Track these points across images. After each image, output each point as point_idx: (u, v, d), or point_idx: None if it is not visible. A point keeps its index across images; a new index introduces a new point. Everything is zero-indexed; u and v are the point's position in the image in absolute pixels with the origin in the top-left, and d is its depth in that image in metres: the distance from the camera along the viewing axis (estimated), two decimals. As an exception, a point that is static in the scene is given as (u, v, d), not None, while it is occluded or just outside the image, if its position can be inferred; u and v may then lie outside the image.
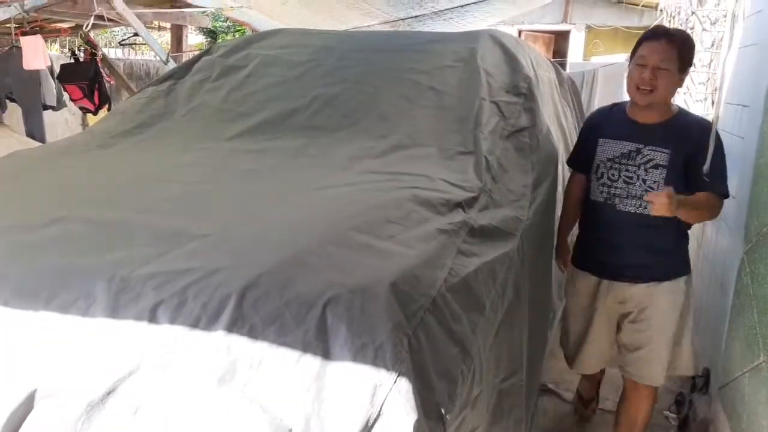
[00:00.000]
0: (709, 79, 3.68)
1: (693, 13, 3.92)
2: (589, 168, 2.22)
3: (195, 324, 1.08)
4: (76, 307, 1.13)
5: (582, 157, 2.29)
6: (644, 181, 2.07)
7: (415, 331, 1.13)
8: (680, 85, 2.08)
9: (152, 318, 1.10)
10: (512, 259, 1.65)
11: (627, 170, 2.10)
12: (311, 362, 1.04)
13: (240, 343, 1.06)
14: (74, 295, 1.15)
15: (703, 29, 3.77)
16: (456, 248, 1.48)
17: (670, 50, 2.00)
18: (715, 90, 3.43)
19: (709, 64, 3.72)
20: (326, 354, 1.05)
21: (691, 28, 4.10)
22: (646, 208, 2.01)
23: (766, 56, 2.34)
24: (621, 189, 2.11)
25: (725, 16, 3.39)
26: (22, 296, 1.17)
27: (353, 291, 1.12)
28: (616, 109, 2.23)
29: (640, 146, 2.09)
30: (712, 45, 3.69)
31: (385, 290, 1.15)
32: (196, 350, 1.06)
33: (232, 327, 1.07)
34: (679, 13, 4.76)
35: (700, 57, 3.85)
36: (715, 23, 3.72)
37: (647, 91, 2.02)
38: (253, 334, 1.06)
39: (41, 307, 1.14)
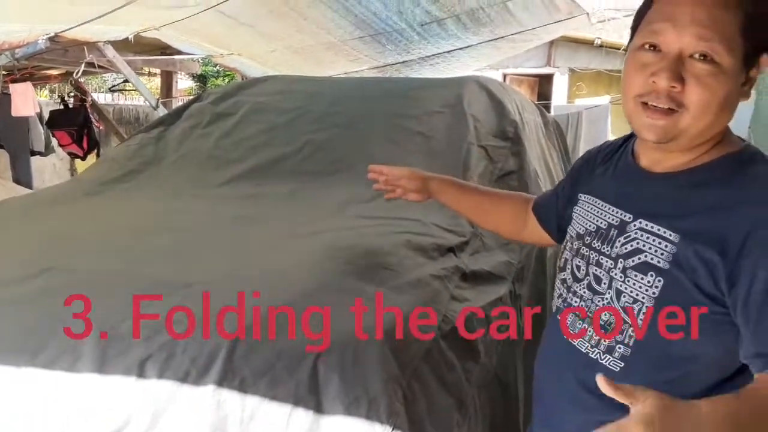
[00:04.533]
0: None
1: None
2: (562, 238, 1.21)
3: (184, 378, 1.06)
4: (61, 362, 1.11)
5: (551, 210, 1.29)
6: (618, 294, 0.98)
7: (410, 382, 1.11)
8: (746, 95, 0.96)
9: (140, 372, 1.07)
10: (505, 303, 1.65)
11: (598, 264, 1.03)
12: (303, 416, 1.02)
13: (230, 397, 1.03)
14: (60, 349, 1.12)
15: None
16: (449, 294, 1.47)
17: (725, 10, 0.89)
18: None
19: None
20: (318, 407, 1.03)
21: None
22: (609, 354, 0.99)
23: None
24: (580, 300, 1.06)
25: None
26: (6, 350, 1.14)
27: (345, 342, 1.11)
28: (630, 142, 1.11)
29: (627, 218, 1.01)
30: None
31: (377, 340, 1.13)
32: (185, 406, 1.03)
33: (222, 381, 1.04)
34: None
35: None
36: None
37: (663, 112, 0.92)
38: (243, 388, 1.04)
39: (26, 362, 1.11)
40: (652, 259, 0.94)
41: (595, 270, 1.04)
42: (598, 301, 1.02)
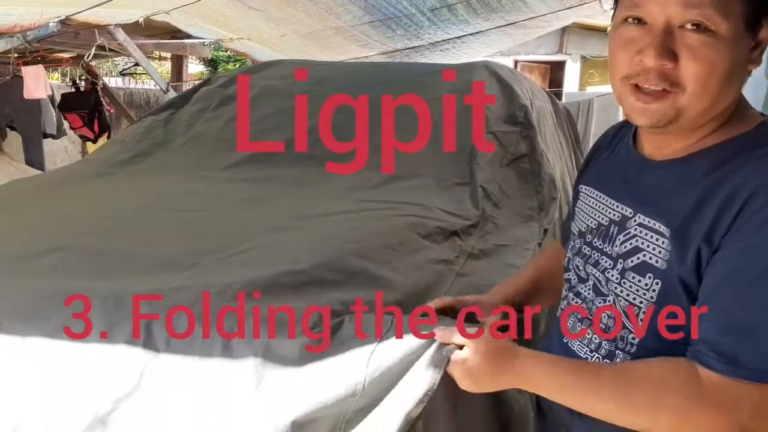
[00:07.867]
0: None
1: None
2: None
3: (191, 342, 1.07)
4: (72, 327, 1.12)
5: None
6: (617, 297, 0.91)
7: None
8: (756, 62, 0.82)
9: (148, 335, 1.09)
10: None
11: (596, 264, 0.96)
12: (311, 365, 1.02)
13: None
14: (69, 314, 1.14)
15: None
16: (455, 274, 1.48)
17: None
18: None
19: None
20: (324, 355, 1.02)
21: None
22: (610, 360, 0.93)
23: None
24: (582, 301, 1.00)
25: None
26: (17, 319, 1.16)
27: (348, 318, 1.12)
28: (632, 126, 1.00)
29: (628, 212, 0.92)
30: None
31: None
32: (193, 369, 1.05)
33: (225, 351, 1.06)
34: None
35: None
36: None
37: (657, 94, 0.81)
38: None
39: (36, 329, 1.13)
40: (650, 258, 0.86)
41: (593, 270, 0.96)
42: (600, 302, 0.95)
